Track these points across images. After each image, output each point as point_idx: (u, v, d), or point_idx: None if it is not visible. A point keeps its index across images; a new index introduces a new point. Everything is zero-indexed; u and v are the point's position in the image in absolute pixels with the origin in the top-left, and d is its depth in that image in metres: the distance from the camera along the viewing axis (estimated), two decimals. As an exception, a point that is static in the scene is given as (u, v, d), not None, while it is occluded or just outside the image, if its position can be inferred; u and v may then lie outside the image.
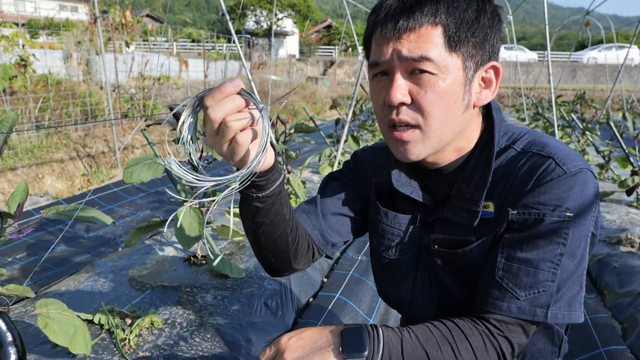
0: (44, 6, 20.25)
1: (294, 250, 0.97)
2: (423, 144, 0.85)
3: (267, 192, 0.83)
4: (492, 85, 0.87)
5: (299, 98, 13.83)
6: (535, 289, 0.80)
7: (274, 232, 0.91)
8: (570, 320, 0.80)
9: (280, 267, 1.01)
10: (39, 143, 5.97)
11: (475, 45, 0.82)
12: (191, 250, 2.40)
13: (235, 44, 3.67)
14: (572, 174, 0.80)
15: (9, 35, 7.09)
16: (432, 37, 0.80)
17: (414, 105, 0.83)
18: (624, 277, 2.42)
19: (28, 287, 1.15)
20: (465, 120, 0.87)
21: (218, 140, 0.71)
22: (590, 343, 1.93)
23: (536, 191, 0.81)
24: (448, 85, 0.81)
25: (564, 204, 0.79)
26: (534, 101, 11.36)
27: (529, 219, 0.81)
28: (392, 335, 0.80)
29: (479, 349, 0.80)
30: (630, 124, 4.99)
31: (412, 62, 0.80)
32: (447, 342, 0.80)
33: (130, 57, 9.32)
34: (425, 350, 0.79)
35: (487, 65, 0.86)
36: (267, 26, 31.36)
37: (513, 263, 0.82)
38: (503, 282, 0.82)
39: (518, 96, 14.63)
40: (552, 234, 0.79)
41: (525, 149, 0.87)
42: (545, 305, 0.80)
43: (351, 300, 2.16)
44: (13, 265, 3.32)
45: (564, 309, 0.80)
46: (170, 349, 1.59)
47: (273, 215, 0.88)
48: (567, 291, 0.80)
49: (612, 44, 21.93)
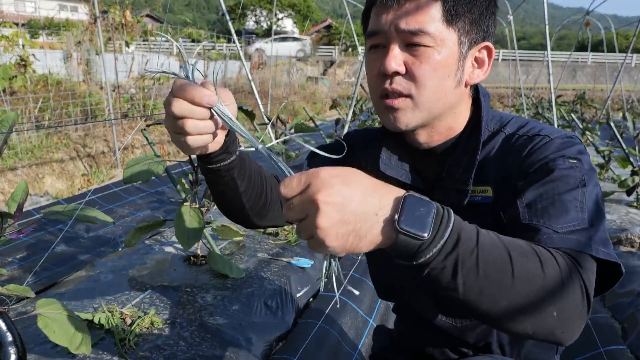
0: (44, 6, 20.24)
1: (258, 212, 0.96)
2: (413, 113, 0.86)
3: (212, 167, 0.82)
4: (485, 65, 0.89)
5: (299, 98, 13.82)
6: (570, 223, 0.72)
7: (227, 197, 0.91)
8: (610, 257, 0.70)
9: (244, 223, 1.00)
10: (39, 143, 5.97)
11: (472, 22, 0.84)
12: (191, 250, 2.40)
13: (235, 43, 3.67)
14: (560, 138, 0.84)
15: (9, 35, 7.09)
16: (430, 9, 0.81)
17: (407, 75, 0.84)
18: (624, 277, 2.41)
19: (28, 287, 1.15)
20: (456, 97, 0.88)
21: (170, 122, 0.70)
22: (590, 343, 1.93)
23: (533, 156, 0.82)
24: (443, 59, 0.83)
25: (565, 153, 0.81)
26: (534, 101, 11.36)
27: (539, 175, 0.79)
28: (466, 225, 0.63)
29: (566, 272, 0.65)
30: (630, 124, 4.99)
31: (409, 34, 0.82)
32: (535, 254, 0.64)
33: (130, 57, 9.32)
34: (509, 251, 0.62)
35: (481, 45, 0.87)
36: (267, 26, 31.36)
37: (537, 205, 0.75)
38: (533, 223, 0.73)
39: (518, 96, 14.62)
40: (567, 176, 0.78)
41: (514, 132, 0.89)
42: (587, 237, 0.70)
43: (351, 300, 2.16)
44: (13, 265, 3.31)
45: (602, 246, 0.71)
46: (170, 349, 1.59)
47: (222, 185, 0.87)
48: (598, 231, 0.73)
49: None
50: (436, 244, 0.59)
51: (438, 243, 0.59)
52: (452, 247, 0.60)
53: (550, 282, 0.63)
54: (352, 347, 1.94)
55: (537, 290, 0.62)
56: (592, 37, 19.33)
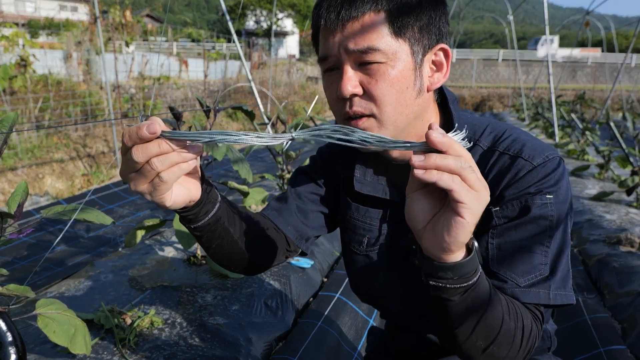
0: (44, 6, 20.24)
1: (258, 255, 0.97)
2: (380, 131, 0.84)
3: (201, 224, 0.81)
4: (444, 68, 0.86)
5: (299, 98, 13.82)
6: (533, 274, 0.79)
7: (224, 251, 0.91)
8: (566, 300, 0.80)
9: (247, 271, 1.01)
10: (39, 143, 5.97)
11: (421, 28, 0.82)
12: (191, 250, 2.40)
13: (235, 43, 3.67)
14: (542, 165, 0.82)
15: (9, 35, 7.09)
16: (376, 26, 0.79)
17: (366, 95, 0.82)
18: (624, 277, 2.42)
19: (28, 287, 1.15)
20: (419, 105, 0.86)
21: (135, 177, 0.66)
22: (590, 343, 1.93)
23: (513, 186, 0.82)
24: (398, 72, 0.81)
25: (543, 189, 0.81)
26: (534, 101, 11.35)
27: (514, 210, 0.81)
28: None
29: (527, 330, 0.77)
30: (630, 124, 4.99)
31: (360, 54, 0.80)
32: (515, 314, 0.77)
33: (130, 57, 9.32)
34: (505, 310, 0.74)
35: (436, 48, 0.85)
36: (267, 26, 31.37)
37: (506, 251, 0.81)
38: (500, 274, 0.81)
39: (518, 96, 14.62)
40: (539, 217, 0.80)
41: (491, 147, 0.87)
42: (547, 287, 0.79)
43: (351, 301, 2.16)
44: (13, 265, 3.32)
45: (560, 290, 0.80)
46: (170, 349, 1.59)
47: (218, 239, 0.87)
48: (559, 272, 0.80)
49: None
50: (475, 274, 0.67)
51: (476, 275, 0.67)
52: (474, 284, 0.68)
53: (517, 338, 0.75)
54: (351, 347, 1.94)
55: (508, 342, 0.74)
56: (592, 37, 19.33)
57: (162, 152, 0.64)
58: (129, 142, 0.64)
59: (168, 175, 0.65)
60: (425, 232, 0.63)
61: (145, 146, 0.63)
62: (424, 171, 0.58)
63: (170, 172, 0.65)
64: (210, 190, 0.81)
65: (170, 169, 0.65)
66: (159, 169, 0.64)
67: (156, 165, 0.64)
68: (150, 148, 0.63)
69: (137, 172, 0.66)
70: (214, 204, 0.82)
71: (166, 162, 0.64)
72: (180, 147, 0.65)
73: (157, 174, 0.65)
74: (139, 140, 0.63)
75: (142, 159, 0.64)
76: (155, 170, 0.64)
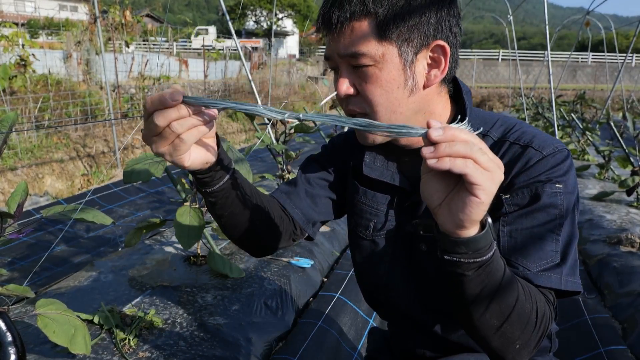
0: (43, 6, 20.25)
1: (267, 233, 1.00)
2: None
3: (215, 188, 0.85)
4: (441, 65, 0.86)
5: (299, 98, 13.82)
6: (544, 260, 0.80)
7: (236, 221, 0.94)
8: (575, 287, 0.81)
9: (255, 249, 1.04)
10: (39, 143, 5.96)
11: (410, 28, 0.81)
12: (191, 250, 2.40)
13: (235, 44, 3.67)
14: (552, 155, 0.84)
15: (9, 35, 7.08)
16: (362, 30, 0.81)
17: (359, 95, 0.86)
18: (624, 277, 2.42)
19: (28, 287, 1.15)
20: (416, 103, 0.87)
21: (157, 140, 0.73)
22: (590, 343, 1.93)
23: (524, 174, 0.83)
24: (386, 74, 0.83)
25: (553, 177, 0.82)
26: (534, 101, 11.34)
27: (525, 197, 0.83)
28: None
29: (541, 312, 0.78)
30: (630, 124, 4.99)
31: (350, 58, 0.83)
32: (530, 295, 0.77)
33: (130, 57, 9.32)
34: (519, 288, 0.74)
35: (432, 45, 0.84)
36: (267, 26, 31.37)
37: (517, 238, 0.82)
38: (512, 260, 0.82)
39: (518, 96, 14.62)
40: (549, 206, 0.81)
41: (502, 138, 0.89)
42: (559, 273, 0.81)
43: (351, 301, 2.16)
44: (13, 265, 3.31)
45: (570, 277, 0.81)
46: (170, 349, 1.59)
47: (230, 207, 0.90)
48: (569, 260, 0.82)
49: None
50: (490, 250, 0.67)
51: (490, 251, 0.67)
52: (488, 260, 0.68)
53: (532, 319, 0.74)
54: (351, 347, 1.94)
55: (522, 322, 0.73)
56: (592, 37, 19.33)
57: (181, 117, 0.70)
58: (151, 108, 0.71)
59: (187, 137, 0.72)
60: (440, 210, 0.65)
61: (165, 111, 0.70)
62: (436, 160, 0.59)
63: (189, 134, 0.72)
64: (225, 157, 0.86)
65: (189, 130, 0.72)
66: (179, 131, 0.71)
67: (176, 127, 0.71)
68: (171, 113, 0.70)
69: (158, 136, 0.72)
70: (228, 170, 0.87)
71: (185, 125, 0.71)
72: (197, 112, 0.72)
73: (177, 136, 0.71)
74: (161, 106, 0.70)
75: (163, 123, 0.70)
76: (176, 133, 0.71)
